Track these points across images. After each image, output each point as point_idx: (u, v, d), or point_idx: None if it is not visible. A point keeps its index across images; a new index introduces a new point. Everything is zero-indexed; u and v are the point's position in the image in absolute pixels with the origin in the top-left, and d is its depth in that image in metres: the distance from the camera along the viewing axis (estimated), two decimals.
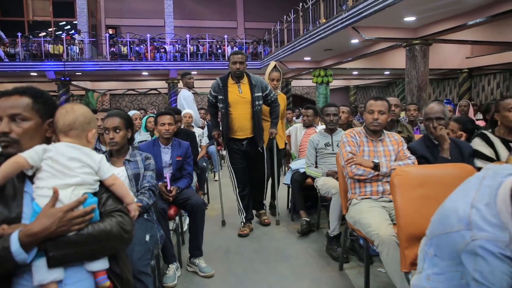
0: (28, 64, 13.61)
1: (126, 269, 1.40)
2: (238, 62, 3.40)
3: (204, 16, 22.20)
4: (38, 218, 1.11)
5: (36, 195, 1.18)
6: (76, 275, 1.21)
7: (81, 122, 1.33)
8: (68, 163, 1.22)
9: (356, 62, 12.32)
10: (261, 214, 3.86)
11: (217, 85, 3.51)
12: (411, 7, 6.37)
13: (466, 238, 1.10)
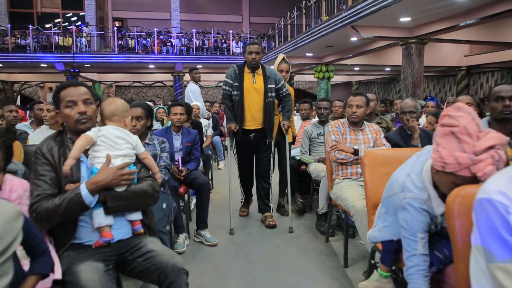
0: (39, 56, 14.07)
1: (152, 222, 1.86)
2: (254, 52, 3.39)
3: (210, 10, 22.53)
4: (99, 172, 1.56)
5: (94, 162, 1.62)
6: (121, 222, 1.66)
7: (120, 110, 1.77)
8: (116, 140, 1.67)
9: (357, 59, 12.70)
10: (266, 216, 3.64)
11: (233, 72, 3.48)
12: (405, 9, 6.75)
13: (400, 198, 1.54)
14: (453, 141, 1.30)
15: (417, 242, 1.44)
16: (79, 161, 1.64)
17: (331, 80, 21.53)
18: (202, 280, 2.53)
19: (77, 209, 1.52)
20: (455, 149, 1.28)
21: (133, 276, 1.66)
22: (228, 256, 2.95)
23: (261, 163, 3.66)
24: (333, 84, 23.89)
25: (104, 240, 1.58)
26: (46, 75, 17.07)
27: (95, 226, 1.58)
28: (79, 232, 1.60)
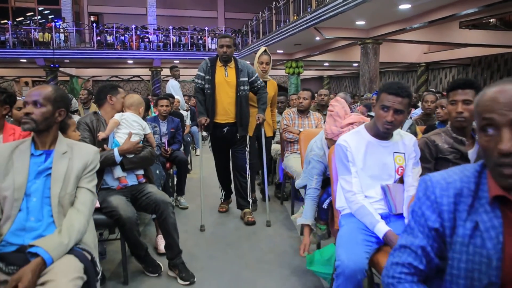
0: (19, 51, 14.44)
1: (151, 176, 2.73)
2: (226, 45, 3.35)
3: (186, 5, 23.05)
4: (124, 143, 2.42)
5: (117, 136, 2.49)
6: (131, 176, 2.53)
7: (136, 103, 2.64)
8: (132, 122, 2.54)
9: (325, 55, 13.72)
10: (245, 213, 3.59)
11: (205, 65, 3.44)
12: (359, 14, 7.76)
13: (309, 155, 2.48)
14: (331, 120, 2.25)
15: (313, 181, 2.38)
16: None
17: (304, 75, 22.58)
18: None
19: (109, 162, 2.39)
20: (332, 124, 2.23)
21: (140, 209, 2.52)
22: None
23: (236, 157, 3.62)
24: (305, 78, 25.04)
25: (122, 184, 2.46)
26: (23, 70, 17.35)
27: (115, 176, 2.46)
28: (107, 180, 2.46)
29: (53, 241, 1.44)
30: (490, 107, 0.88)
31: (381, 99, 1.77)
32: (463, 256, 0.91)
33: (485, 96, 0.92)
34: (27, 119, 1.58)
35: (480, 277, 0.87)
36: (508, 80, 0.91)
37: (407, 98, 1.73)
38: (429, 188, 0.99)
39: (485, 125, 0.90)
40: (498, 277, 0.86)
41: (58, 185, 1.59)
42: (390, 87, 1.74)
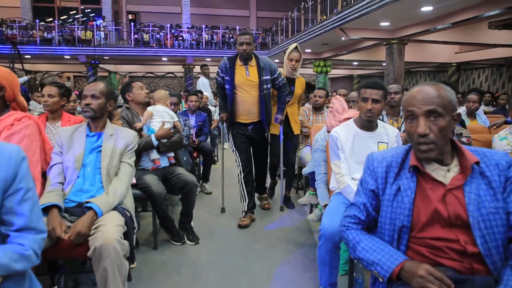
0: (63, 48, 15.47)
1: (180, 159, 3.20)
2: (245, 43, 3.22)
3: (219, 4, 23.66)
4: (159, 130, 2.90)
5: (152, 125, 2.97)
6: (164, 158, 3.01)
7: (164, 97, 3.12)
8: (163, 113, 3.01)
9: (354, 55, 13.87)
10: (262, 198, 3.83)
11: (224, 66, 3.35)
12: (383, 16, 7.96)
13: (315, 145, 2.85)
14: (331, 115, 2.62)
15: (321, 167, 2.76)
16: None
17: (334, 74, 22.61)
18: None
19: (149, 146, 2.88)
20: (332, 119, 2.61)
21: (170, 187, 2.98)
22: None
23: (258, 158, 3.64)
24: (334, 77, 25.11)
25: (156, 165, 2.94)
26: (67, 65, 18.49)
27: (151, 158, 2.94)
28: (143, 163, 2.95)
29: (102, 200, 1.91)
30: (411, 102, 1.26)
31: (361, 94, 2.15)
32: (389, 208, 1.28)
33: (408, 94, 1.29)
34: (87, 109, 2.06)
35: (398, 222, 1.25)
36: (426, 83, 1.28)
37: (382, 90, 2.11)
38: (370, 161, 1.37)
39: (408, 116, 1.27)
40: (409, 221, 1.23)
41: (106, 159, 2.07)
42: (367, 83, 2.14)
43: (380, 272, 1.18)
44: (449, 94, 1.25)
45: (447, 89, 1.27)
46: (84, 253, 1.72)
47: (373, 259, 1.20)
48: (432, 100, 1.21)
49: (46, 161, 2.11)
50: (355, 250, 1.29)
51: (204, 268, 2.61)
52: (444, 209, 1.19)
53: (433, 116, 1.21)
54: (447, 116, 1.22)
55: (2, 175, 1.14)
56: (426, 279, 1.09)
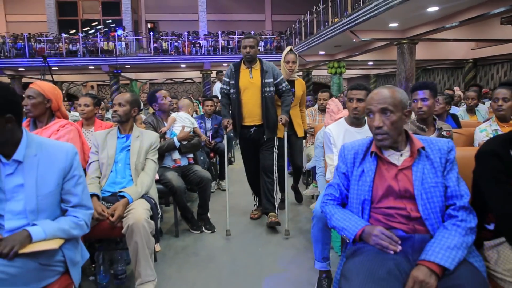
0: (88, 59, 16.27)
1: (197, 159, 3.60)
2: (249, 46, 3.34)
3: (234, 10, 24.18)
4: (180, 133, 3.31)
5: (174, 129, 3.40)
6: (184, 158, 3.42)
7: (186, 105, 3.55)
8: (185, 119, 3.44)
9: (368, 55, 14.06)
10: (270, 216, 3.48)
11: (229, 71, 3.48)
12: (391, 17, 8.20)
13: (316, 142, 3.20)
14: (328, 115, 2.96)
15: (321, 161, 3.10)
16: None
17: (350, 74, 22.76)
18: None
19: (171, 147, 3.29)
20: (329, 118, 2.95)
21: (188, 182, 3.38)
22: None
23: (263, 157, 3.56)
24: (351, 77, 25.21)
25: (177, 164, 3.35)
26: (91, 75, 19.36)
27: (173, 158, 3.35)
28: (165, 162, 3.36)
29: (132, 190, 2.32)
30: (369, 102, 1.60)
31: (348, 95, 2.50)
32: (355, 186, 1.63)
33: (369, 95, 1.63)
34: (115, 115, 2.49)
35: (361, 197, 1.59)
36: (383, 86, 1.62)
37: (365, 90, 2.45)
38: (342, 150, 1.73)
39: (368, 112, 1.61)
40: (369, 195, 1.57)
41: (134, 157, 2.48)
42: (352, 85, 2.50)
43: (347, 236, 1.53)
44: (400, 95, 1.59)
45: (400, 91, 1.61)
46: (118, 232, 2.13)
47: (343, 226, 1.55)
48: (385, 100, 1.56)
49: (85, 159, 2.55)
50: (331, 220, 1.64)
51: (218, 251, 3.00)
52: (396, 184, 1.53)
53: (386, 113, 1.55)
54: (397, 112, 1.56)
55: (62, 165, 1.55)
56: (379, 237, 1.43)
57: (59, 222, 1.52)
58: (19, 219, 1.48)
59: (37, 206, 1.49)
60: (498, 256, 1.43)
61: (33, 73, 17.00)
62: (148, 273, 2.07)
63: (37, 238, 1.43)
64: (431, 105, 2.59)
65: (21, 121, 1.52)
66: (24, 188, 1.49)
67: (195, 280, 2.53)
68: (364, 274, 1.29)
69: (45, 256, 1.44)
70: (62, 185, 1.56)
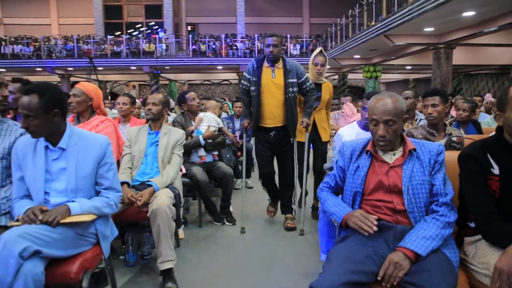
0: (130, 60, 17.13)
1: (222, 156, 3.87)
2: (272, 45, 3.20)
3: (272, 13, 24.44)
4: (205, 132, 3.59)
5: (201, 128, 3.68)
6: (209, 155, 3.69)
7: (213, 106, 3.83)
8: (211, 119, 3.72)
9: (405, 59, 13.84)
10: (287, 218, 3.55)
11: (251, 67, 3.32)
12: (426, 22, 8.14)
13: (333, 144, 3.37)
14: (343, 119, 3.13)
15: None
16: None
17: (388, 78, 22.37)
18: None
19: (197, 145, 3.57)
20: (343, 122, 3.12)
21: (212, 177, 3.65)
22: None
23: (283, 165, 3.48)
24: (389, 82, 24.77)
25: (203, 160, 3.63)
26: (132, 75, 20.30)
27: (199, 155, 3.64)
28: (192, 158, 3.65)
29: (159, 180, 2.61)
30: (374, 112, 1.74)
31: (363, 103, 2.65)
32: (350, 180, 1.80)
33: (371, 103, 1.79)
34: (149, 113, 2.79)
35: (354, 189, 1.77)
36: (385, 95, 1.77)
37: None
38: (341, 147, 1.91)
39: (371, 121, 1.76)
40: (361, 188, 1.74)
41: (162, 151, 2.77)
42: (367, 95, 2.63)
43: (336, 219, 1.72)
44: (401, 104, 1.74)
45: (400, 100, 1.76)
46: (144, 216, 2.42)
47: (333, 211, 1.74)
48: (389, 112, 1.70)
49: (119, 152, 2.87)
50: (324, 205, 1.83)
51: (236, 241, 3.24)
52: (386, 180, 1.70)
53: (390, 123, 1.70)
54: (399, 121, 1.71)
55: (97, 154, 1.85)
56: (358, 218, 1.61)
57: (93, 201, 1.82)
58: (61, 197, 1.79)
59: (76, 187, 1.79)
60: (475, 251, 1.56)
61: (81, 72, 18.08)
62: (169, 253, 2.34)
63: (75, 212, 1.72)
64: (441, 111, 2.70)
65: (65, 116, 1.83)
66: (66, 171, 1.79)
67: (212, 265, 2.78)
68: (343, 256, 1.48)
69: (80, 227, 1.74)
70: (97, 170, 1.86)
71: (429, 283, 1.33)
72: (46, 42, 18.32)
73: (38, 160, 1.79)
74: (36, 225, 1.60)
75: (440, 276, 1.34)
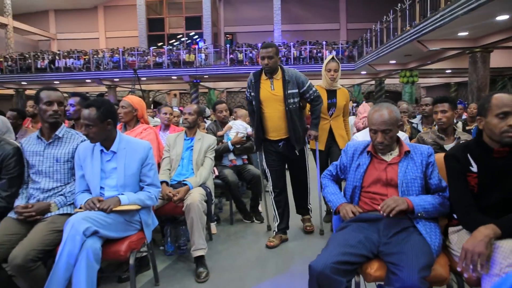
0: (171, 70, 18.01)
1: (251, 159, 4.22)
2: (266, 57, 3.08)
3: (309, 20, 24.69)
4: (233, 138, 3.96)
5: (230, 135, 4.07)
6: (239, 158, 4.06)
7: (244, 115, 4.21)
8: (239, 126, 4.10)
9: (443, 63, 13.64)
10: (304, 219, 3.64)
11: (249, 81, 3.27)
12: (460, 26, 8.11)
13: None
14: (357, 117, 3.38)
15: None
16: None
17: (428, 82, 21.88)
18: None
19: (225, 150, 3.95)
20: (357, 119, 3.37)
21: (242, 178, 4.00)
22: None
23: (296, 175, 3.48)
24: (429, 86, 24.17)
25: (233, 163, 4.01)
26: (173, 84, 21.25)
27: (229, 158, 4.01)
28: (223, 161, 4.03)
29: (193, 180, 3.00)
30: (373, 122, 2.03)
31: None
32: (352, 175, 2.08)
33: (370, 114, 2.07)
34: (185, 121, 3.20)
35: (354, 184, 2.05)
36: (383, 106, 2.05)
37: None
38: (346, 147, 2.20)
39: (371, 130, 2.05)
40: (360, 182, 2.02)
41: (196, 155, 3.17)
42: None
43: (331, 207, 2.03)
44: (395, 114, 2.02)
45: (395, 110, 2.04)
46: (180, 210, 2.81)
47: (330, 199, 2.05)
48: (386, 122, 1.98)
49: (159, 156, 3.29)
50: (323, 191, 2.16)
51: (262, 237, 3.56)
52: (384, 175, 1.97)
53: (387, 132, 1.98)
54: (394, 128, 2.00)
55: (141, 156, 2.26)
56: (344, 209, 1.94)
57: (138, 194, 2.22)
58: (113, 191, 2.21)
59: (124, 183, 2.21)
60: (457, 238, 1.80)
61: (126, 83, 19.22)
62: (200, 242, 2.71)
63: (124, 202, 2.13)
64: (450, 117, 2.91)
65: (116, 125, 2.25)
66: (116, 170, 2.22)
67: (239, 256, 3.13)
68: (338, 242, 1.77)
69: (128, 215, 2.15)
70: (141, 170, 2.27)
71: (405, 262, 1.60)
72: (94, 55, 19.65)
73: (95, 161, 2.22)
74: (95, 212, 2.03)
75: (414, 257, 1.61)
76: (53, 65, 19.39)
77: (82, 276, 1.84)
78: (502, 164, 1.71)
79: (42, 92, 2.25)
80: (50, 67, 19.34)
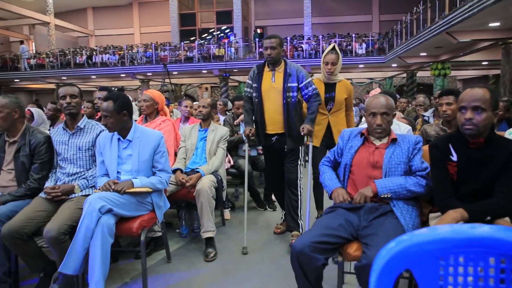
0: (201, 65, 18.42)
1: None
2: (270, 47, 3.05)
3: (340, 12, 24.33)
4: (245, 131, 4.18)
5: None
6: (253, 149, 4.26)
7: None
8: None
9: (478, 55, 13.19)
10: (293, 235, 3.20)
11: (252, 72, 3.23)
12: (490, 16, 7.87)
13: None
14: None
15: None
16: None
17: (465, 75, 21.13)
18: None
19: (240, 141, 4.16)
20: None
21: (255, 169, 4.20)
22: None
23: (287, 172, 3.22)
24: (466, 78, 23.33)
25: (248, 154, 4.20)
26: (204, 78, 21.71)
27: (243, 149, 4.21)
28: (239, 151, 4.25)
29: (205, 167, 3.23)
30: (373, 106, 2.18)
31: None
32: (345, 156, 2.23)
33: (369, 100, 2.22)
34: (200, 114, 3.44)
35: (346, 161, 2.20)
36: (379, 94, 2.19)
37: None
38: (342, 133, 2.34)
39: (370, 114, 2.20)
40: (350, 161, 2.17)
41: (209, 145, 3.39)
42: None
43: (327, 191, 2.19)
44: (391, 102, 2.16)
45: (390, 99, 2.18)
46: (192, 195, 3.05)
47: (326, 184, 2.21)
48: (385, 106, 2.14)
49: (176, 145, 3.55)
50: (321, 177, 2.31)
51: (273, 223, 3.75)
52: (371, 157, 2.12)
53: (385, 115, 2.13)
54: (391, 114, 2.14)
55: (153, 144, 2.50)
56: (336, 191, 2.10)
57: (150, 179, 2.48)
58: (128, 175, 2.47)
59: (138, 168, 2.47)
60: (436, 223, 1.92)
61: (158, 77, 19.83)
62: (209, 225, 2.94)
63: (137, 185, 2.39)
64: (455, 109, 2.97)
65: (131, 116, 2.50)
66: (131, 157, 2.47)
67: (248, 240, 3.32)
68: (320, 225, 1.94)
69: (140, 196, 2.41)
70: (153, 156, 2.51)
71: (374, 242, 1.75)
72: (129, 50, 20.39)
73: (113, 148, 2.49)
74: (110, 192, 2.29)
75: (383, 238, 1.74)
76: (90, 60, 20.31)
77: (98, 248, 2.11)
78: (477, 154, 1.81)
79: (59, 89, 2.56)
80: (87, 63, 20.27)
